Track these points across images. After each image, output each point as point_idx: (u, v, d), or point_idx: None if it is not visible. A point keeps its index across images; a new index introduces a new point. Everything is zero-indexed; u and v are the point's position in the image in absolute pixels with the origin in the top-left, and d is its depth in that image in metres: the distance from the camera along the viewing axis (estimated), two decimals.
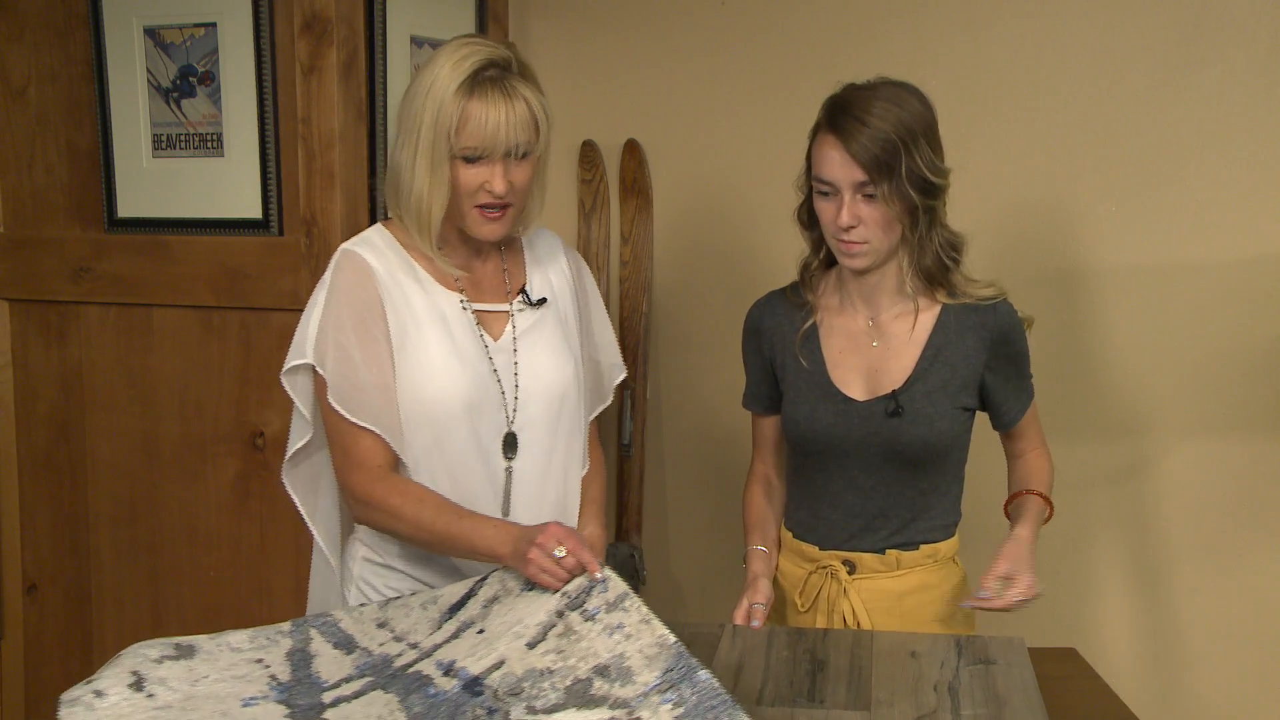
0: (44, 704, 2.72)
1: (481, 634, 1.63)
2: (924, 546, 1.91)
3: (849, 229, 1.81)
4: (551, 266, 1.93)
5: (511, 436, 1.82)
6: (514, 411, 1.82)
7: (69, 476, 2.64)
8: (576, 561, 1.63)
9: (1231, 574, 2.53)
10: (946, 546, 1.94)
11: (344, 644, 1.69)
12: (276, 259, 2.39)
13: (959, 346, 1.88)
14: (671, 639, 1.56)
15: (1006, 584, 1.76)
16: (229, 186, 2.42)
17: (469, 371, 1.78)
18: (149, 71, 2.46)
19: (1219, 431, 2.51)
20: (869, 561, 1.91)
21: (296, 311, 2.35)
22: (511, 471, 1.83)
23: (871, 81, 1.84)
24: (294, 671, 1.62)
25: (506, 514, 1.82)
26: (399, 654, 1.65)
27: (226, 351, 2.47)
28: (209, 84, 2.41)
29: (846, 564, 1.92)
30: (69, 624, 2.68)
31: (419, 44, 2.52)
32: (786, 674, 1.68)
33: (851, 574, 1.92)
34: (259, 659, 1.65)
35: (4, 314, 2.65)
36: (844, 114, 1.79)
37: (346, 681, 1.60)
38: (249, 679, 1.60)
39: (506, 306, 1.86)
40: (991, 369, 1.90)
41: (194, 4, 2.39)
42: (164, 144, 2.47)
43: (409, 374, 1.76)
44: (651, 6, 2.76)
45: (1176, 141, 2.46)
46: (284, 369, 1.80)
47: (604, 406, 2.01)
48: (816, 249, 1.95)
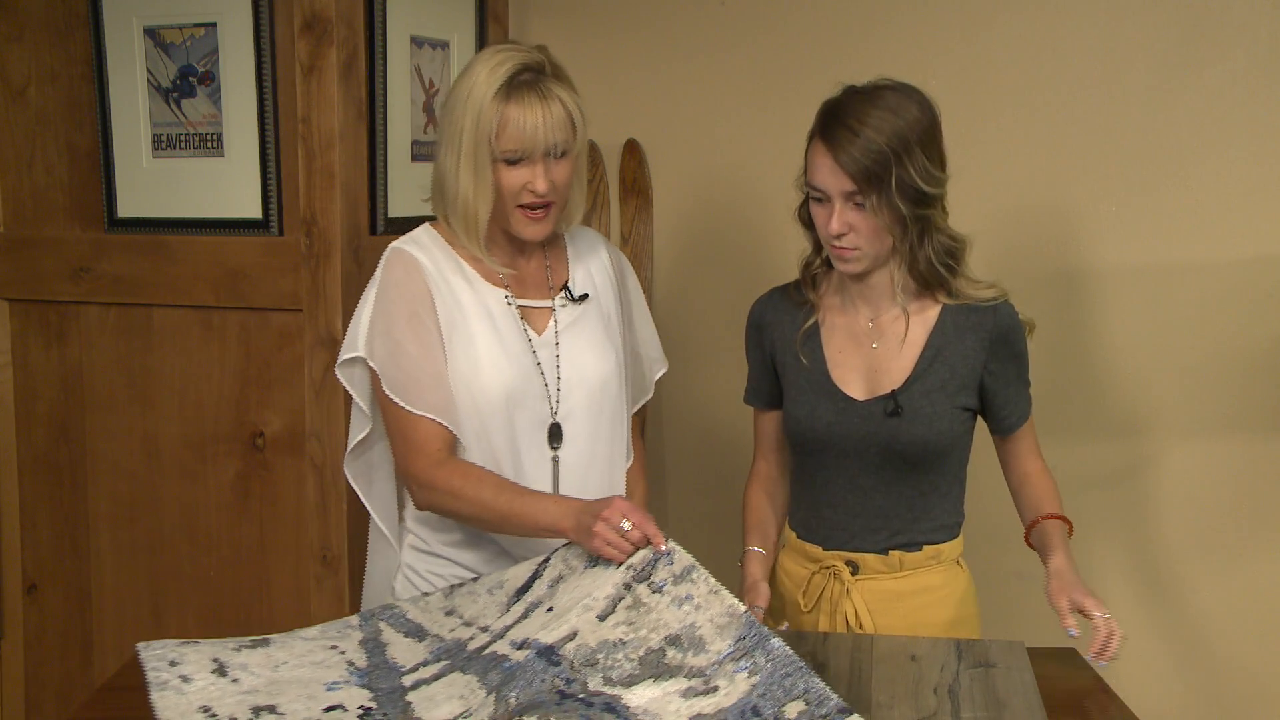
0: (44, 704, 2.72)
1: (550, 611, 1.65)
2: (927, 548, 1.91)
3: (839, 236, 1.82)
4: (593, 263, 2.00)
5: (556, 427, 1.89)
6: (557, 403, 1.89)
7: (69, 476, 2.64)
8: (642, 535, 1.66)
9: (1232, 574, 2.53)
10: (949, 548, 1.93)
11: (414, 633, 1.73)
12: (276, 259, 2.38)
13: (959, 347, 1.88)
14: (741, 608, 1.59)
15: (1080, 615, 1.73)
16: (229, 186, 2.42)
17: (514, 365, 1.85)
18: (149, 71, 2.45)
19: (1219, 431, 2.51)
20: (871, 562, 1.91)
21: (297, 311, 2.37)
22: (558, 461, 1.89)
23: (872, 85, 1.82)
24: (370, 658, 1.67)
25: None
26: (470, 637, 1.68)
27: (226, 351, 2.47)
28: (209, 84, 2.41)
29: (849, 564, 1.92)
30: (69, 624, 2.68)
31: (419, 44, 2.52)
32: None
33: (854, 574, 1.91)
34: (333, 646, 1.71)
35: (4, 314, 2.65)
36: (837, 122, 1.78)
37: (424, 665, 1.64)
38: (327, 664, 1.65)
39: (549, 302, 1.93)
40: (991, 370, 1.89)
41: (194, 4, 2.39)
42: (164, 144, 2.47)
43: (456, 367, 1.84)
44: (651, 6, 2.76)
45: (1177, 142, 2.46)
46: (337, 363, 1.89)
47: (646, 399, 2.10)
48: (818, 249, 1.95)
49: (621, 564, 1.66)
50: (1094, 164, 2.51)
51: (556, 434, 1.89)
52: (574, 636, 1.58)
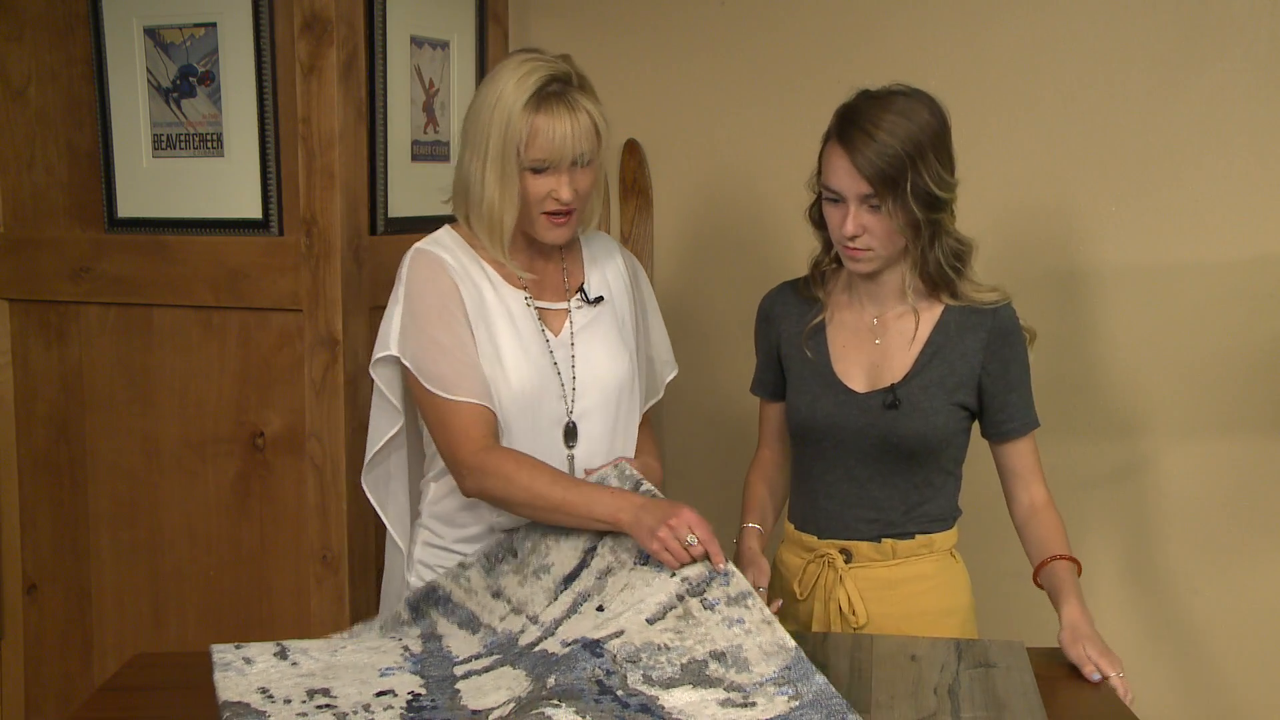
0: (44, 704, 2.72)
1: (601, 611, 1.69)
2: (919, 536, 1.95)
3: (853, 237, 1.86)
4: (608, 266, 2.05)
5: (572, 426, 1.94)
6: (573, 403, 1.94)
7: (69, 476, 2.64)
8: (704, 551, 1.70)
9: (1232, 574, 2.53)
10: (943, 538, 1.97)
11: (468, 623, 1.79)
12: (276, 259, 2.38)
13: (958, 345, 1.92)
14: (792, 644, 1.61)
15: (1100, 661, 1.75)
16: (229, 186, 2.42)
17: (532, 364, 1.90)
18: (149, 71, 2.45)
19: (1219, 431, 2.51)
20: (865, 550, 1.95)
21: (297, 311, 2.37)
22: (573, 459, 1.93)
23: (885, 89, 1.87)
24: (425, 645, 1.75)
25: None
26: (522, 629, 1.73)
27: (226, 351, 2.47)
28: (209, 84, 2.41)
29: (843, 553, 1.96)
30: (69, 624, 2.67)
31: (419, 44, 2.52)
32: None
33: (848, 562, 1.95)
34: (392, 635, 1.80)
35: (4, 314, 2.65)
36: (853, 126, 1.82)
37: (476, 658, 1.70)
38: (383, 650, 1.74)
39: (565, 304, 1.98)
40: (988, 370, 1.92)
41: (194, 4, 2.39)
42: (164, 144, 2.47)
43: (481, 363, 1.88)
44: (651, 6, 2.76)
45: (1177, 142, 2.46)
46: (371, 362, 1.94)
47: (656, 400, 2.14)
48: (827, 248, 2.00)
49: (675, 573, 1.69)
50: (1094, 164, 2.51)
51: (572, 433, 1.93)
52: (620, 634, 1.62)
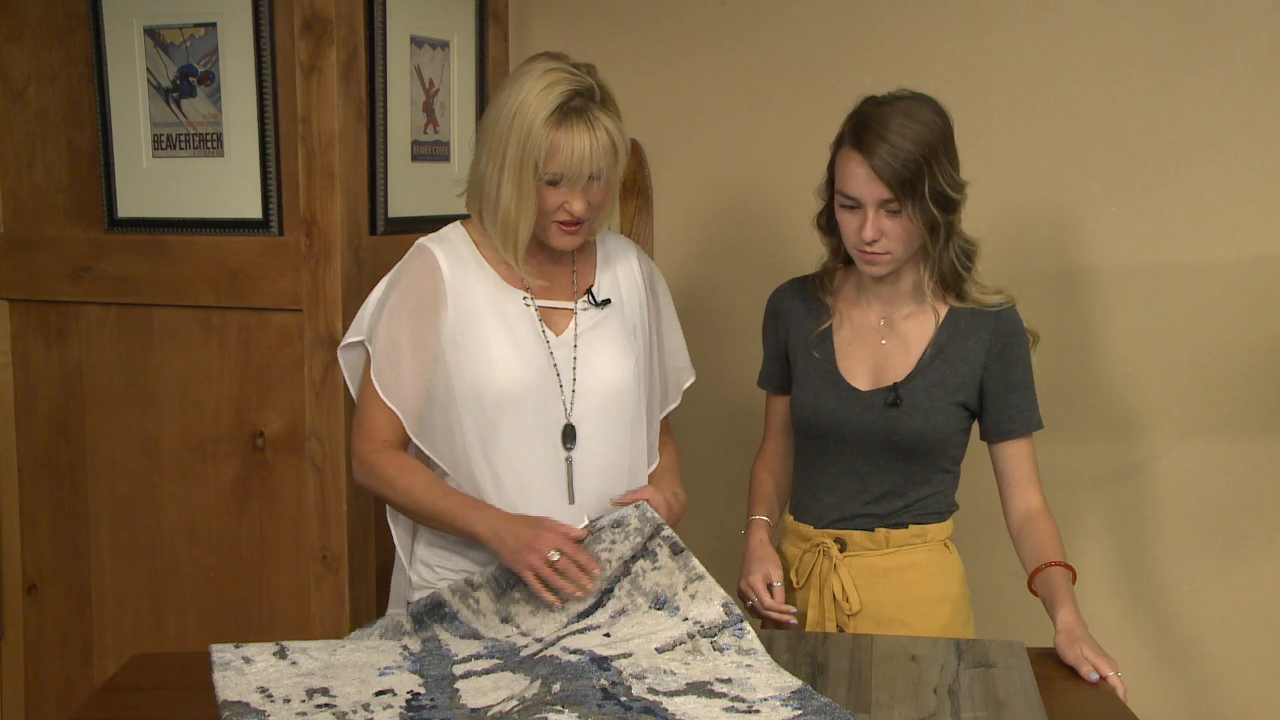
0: (44, 704, 2.72)
1: (608, 637, 1.71)
2: (913, 526, 1.98)
3: (872, 242, 1.87)
4: (621, 270, 2.03)
5: (570, 428, 1.92)
6: (571, 404, 1.92)
7: (69, 476, 2.64)
8: (571, 564, 1.74)
9: (1232, 574, 2.53)
10: (936, 529, 1.99)
11: (470, 636, 1.80)
12: (276, 259, 2.38)
13: (960, 346, 1.95)
14: (798, 682, 1.62)
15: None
16: (229, 186, 2.42)
17: (526, 363, 1.89)
18: (149, 71, 2.45)
19: (1219, 431, 2.51)
20: (859, 539, 1.98)
21: (297, 311, 2.37)
22: (571, 462, 1.92)
23: (891, 95, 1.88)
24: (425, 645, 1.76)
25: (572, 502, 1.92)
26: (524, 645, 1.74)
27: (226, 351, 2.47)
28: (209, 84, 2.41)
29: (838, 542, 1.99)
30: (69, 624, 2.67)
31: (419, 44, 2.52)
32: None
33: (843, 551, 1.99)
34: (393, 640, 1.80)
35: (4, 314, 2.65)
36: (868, 131, 1.83)
37: (476, 658, 1.71)
38: (383, 650, 1.75)
39: (572, 304, 1.96)
40: (990, 371, 1.94)
41: (194, 4, 2.39)
42: (164, 144, 2.47)
43: (468, 363, 1.88)
44: (652, 6, 2.76)
45: (1177, 142, 2.46)
46: (341, 345, 1.97)
47: (673, 407, 2.12)
48: (836, 254, 2.03)
49: (688, 617, 1.72)
50: (1094, 164, 2.51)
51: (570, 435, 1.92)
52: (629, 655, 1.65)
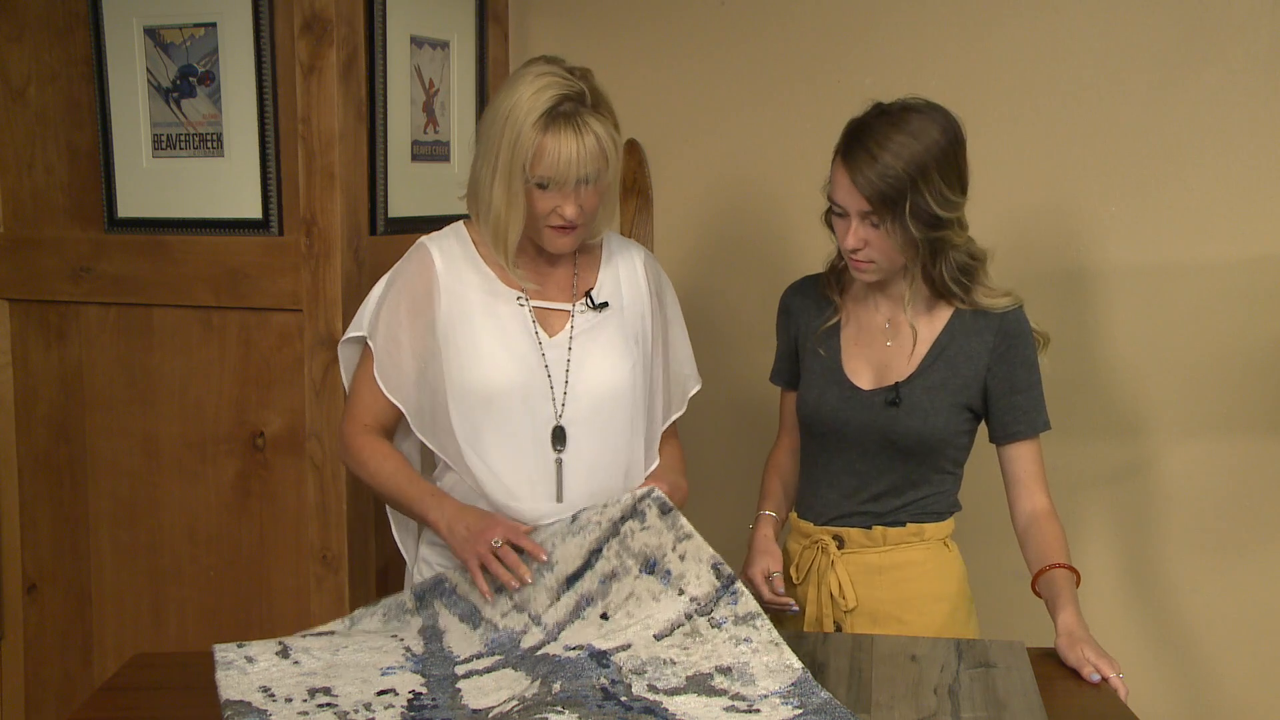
0: (44, 704, 2.72)
1: (605, 619, 1.70)
2: (910, 524, 1.98)
3: (855, 250, 1.89)
4: (625, 273, 2.03)
5: (560, 429, 1.92)
6: (562, 406, 1.92)
7: (69, 476, 2.64)
8: (513, 553, 1.77)
9: (1232, 573, 2.54)
10: (935, 528, 1.99)
11: (469, 617, 1.79)
12: (276, 259, 2.38)
13: (964, 348, 1.95)
14: (799, 665, 1.62)
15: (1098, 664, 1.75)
16: (229, 186, 2.42)
17: (516, 362, 1.90)
18: (149, 71, 2.45)
19: (1219, 431, 2.51)
20: (856, 536, 1.99)
21: (297, 311, 2.37)
22: (561, 463, 1.92)
23: (901, 104, 1.86)
24: (427, 645, 1.75)
25: (560, 502, 1.91)
26: (524, 630, 1.74)
27: (226, 351, 2.47)
28: (209, 84, 2.41)
29: (836, 539, 2.00)
30: (69, 624, 2.67)
31: (419, 44, 2.52)
32: None
33: (840, 549, 2.00)
34: (394, 634, 1.80)
35: (4, 314, 2.65)
36: (858, 144, 1.83)
37: (478, 658, 1.71)
38: (385, 650, 1.75)
39: (569, 306, 1.96)
40: (994, 373, 1.94)
41: (194, 4, 2.39)
42: (164, 144, 2.47)
43: (458, 360, 1.90)
44: (651, 6, 2.76)
45: (1177, 142, 2.46)
46: (342, 339, 2.01)
47: (679, 415, 2.12)
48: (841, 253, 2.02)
49: (683, 590, 1.70)
50: (1094, 164, 2.51)
51: (560, 436, 1.91)
52: (627, 648, 1.64)
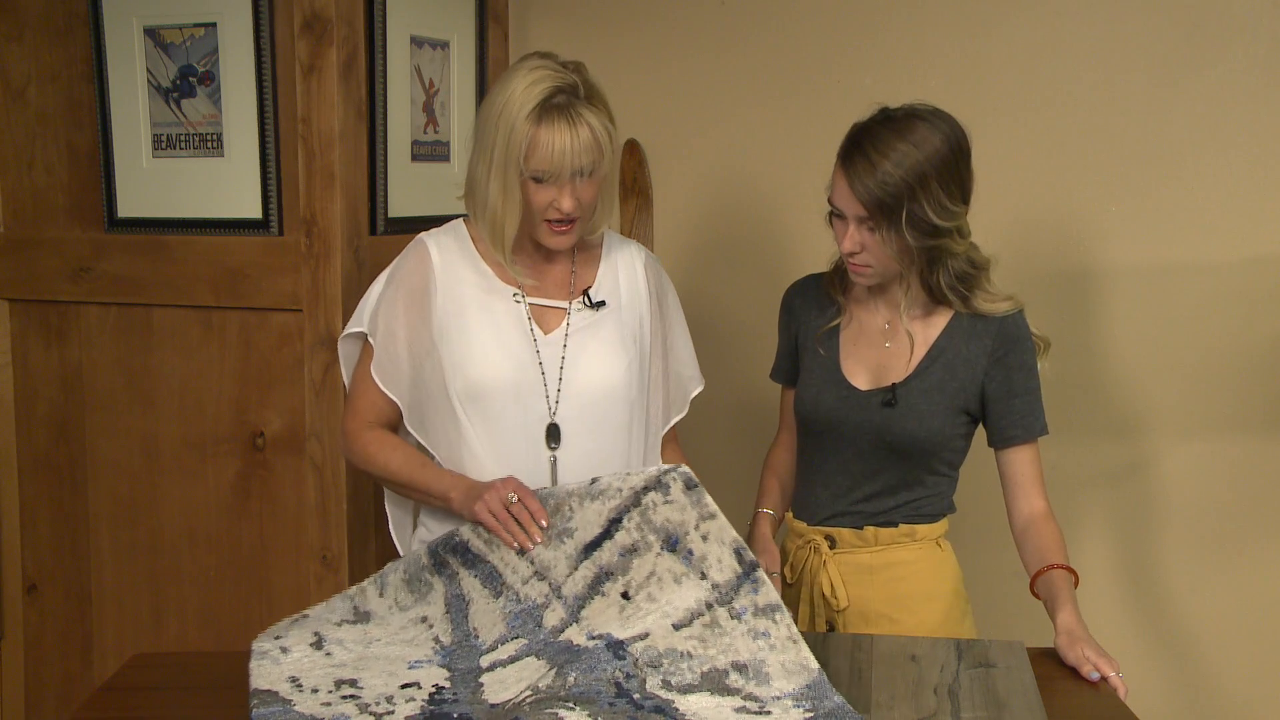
0: (44, 704, 2.72)
1: (626, 599, 1.70)
2: (902, 525, 1.98)
3: (852, 254, 1.89)
4: (624, 273, 2.03)
5: (554, 427, 1.92)
6: (556, 403, 1.92)
7: (69, 476, 2.64)
8: (523, 509, 1.76)
9: (1231, 573, 2.54)
10: (927, 529, 1.99)
11: (490, 580, 1.79)
12: (276, 259, 2.38)
13: (963, 352, 1.94)
14: (815, 665, 1.61)
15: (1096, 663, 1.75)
16: (229, 186, 2.42)
17: (509, 359, 1.91)
18: (149, 71, 2.45)
19: (1219, 431, 2.51)
20: (847, 537, 1.99)
21: (297, 311, 2.38)
22: (556, 461, 1.92)
23: (907, 110, 1.86)
24: (454, 630, 1.76)
25: None
26: (545, 603, 1.74)
27: (226, 351, 2.47)
28: (209, 84, 2.41)
29: (828, 539, 2.00)
30: (69, 624, 2.67)
31: (419, 44, 2.52)
32: None
33: (832, 549, 2.00)
34: (423, 617, 1.80)
35: (4, 314, 2.65)
36: (858, 150, 1.83)
37: (501, 644, 1.71)
38: (415, 642, 1.76)
39: (566, 304, 1.96)
40: (991, 376, 1.94)
41: (194, 4, 2.39)
42: (164, 144, 2.47)
43: (452, 356, 1.91)
44: (651, 6, 2.76)
45: (1177, 142, 2.46)
46: (342, 334, 2.02)
47: (681, 416, 2.12)
48: None
49: (705, 575, 1.70)
50: (1094, 165, 2.51)
51: (554, 434, 1.91)
52: (645, 637, 1.64)
